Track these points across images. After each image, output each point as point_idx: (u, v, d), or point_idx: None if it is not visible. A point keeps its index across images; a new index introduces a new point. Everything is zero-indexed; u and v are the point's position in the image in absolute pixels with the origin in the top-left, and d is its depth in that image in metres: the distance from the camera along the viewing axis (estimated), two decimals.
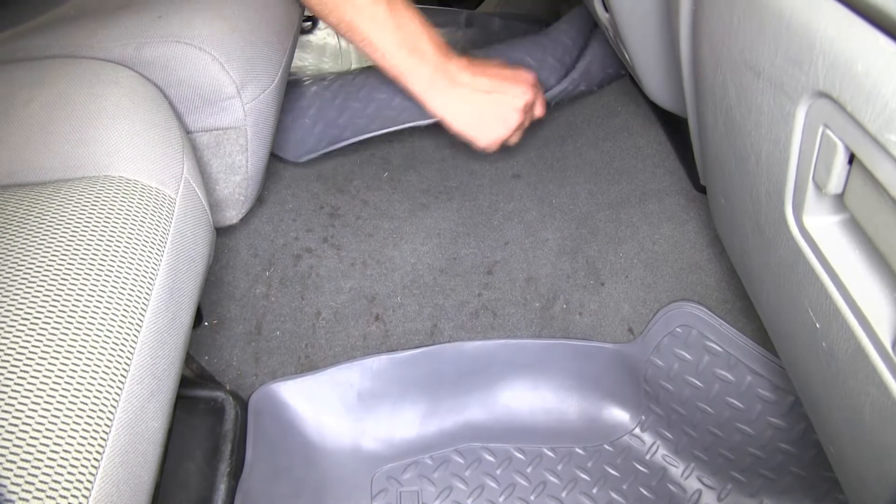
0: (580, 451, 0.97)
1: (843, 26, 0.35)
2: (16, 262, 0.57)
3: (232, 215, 0.94)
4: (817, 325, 0.50)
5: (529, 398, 1.00)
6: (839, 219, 0.45)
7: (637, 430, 0.98)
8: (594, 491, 0.94)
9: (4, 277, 0.56)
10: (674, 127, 0.94)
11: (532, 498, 0.93)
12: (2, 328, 0.53)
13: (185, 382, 0.93)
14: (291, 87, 1.14)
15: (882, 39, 0.32)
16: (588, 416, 0.99)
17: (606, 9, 0.80)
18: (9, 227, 0.60)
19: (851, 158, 0.40)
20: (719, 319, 0.94)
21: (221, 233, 1.00)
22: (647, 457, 0.96)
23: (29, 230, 0.60)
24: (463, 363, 0.99)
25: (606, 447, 0.98)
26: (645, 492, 0.93)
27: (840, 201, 0.43)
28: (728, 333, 0.94)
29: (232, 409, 0.85)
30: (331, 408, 0.99)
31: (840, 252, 0.45)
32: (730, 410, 0.93)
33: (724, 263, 0.96)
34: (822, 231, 0.46)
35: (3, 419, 0.48)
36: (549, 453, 0.97)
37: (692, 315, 0.95)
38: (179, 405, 0.69)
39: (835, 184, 0.41)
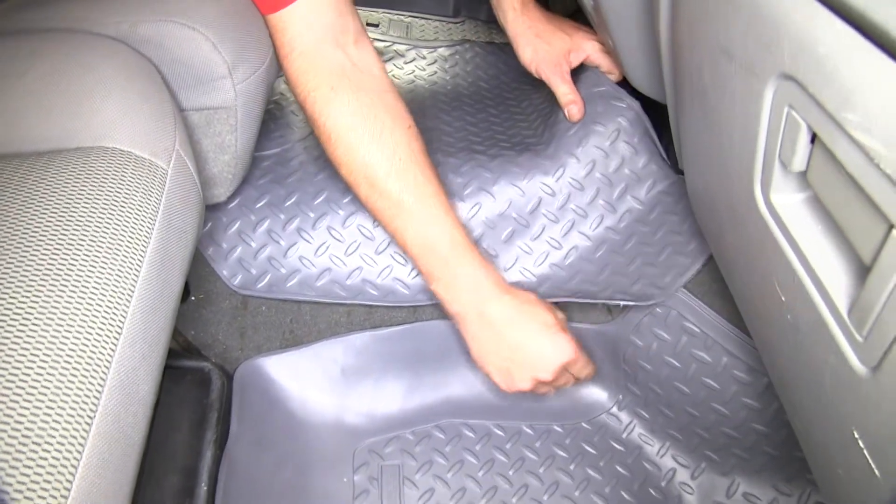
0: (558, 429, 0.99)
1: (808, 12, 0.37)
2: (11, 229, 0.59)
3: (220, 193, 0.95)
4: (783, 299, 0.53)
5: None
6: (804, 196, 0.48)
7: (614, 409, 1.00)
8: (571, 467, 0.95)
9: (1, 242, 0.58)
10: (654, 112, 0.96)
11: (510, 473, 0.95)
12: None
13: (171, 354, 0.95)
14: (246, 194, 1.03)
15: (840, 24, 0.35)
16: (566, 395, 1.00)
17: None
18: (4, 194, 0.62)
19: (814, 138, 0.42)
20: (698, 301, 0.97)
21: (209, 209, 1.01)
22: (624, 435, 0.98)
23: (25, 198, 0.62)
24: (445, 341, 1.01)
25: (584, 425, 0.99)
26: (621, 469, 0.95)
27: (804, 179, 0.46)
28: (706, 315, 0.96)
29: (218, 380, 0.87)
30: (315, 383, 1.01)
31: (804, 227, 0.48)
32: (706, 391, 0.96)
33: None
34: (787, 208, 0.49)
35: (0, 373, 0.50)
36: (528, 430, 0.99)
37: (672, 296, 0.97)
38: (167, 375, 0.71)
39: (799, 161, 0.44)
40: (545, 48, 1.03)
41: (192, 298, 1.03)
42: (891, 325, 0.38)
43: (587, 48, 1.01)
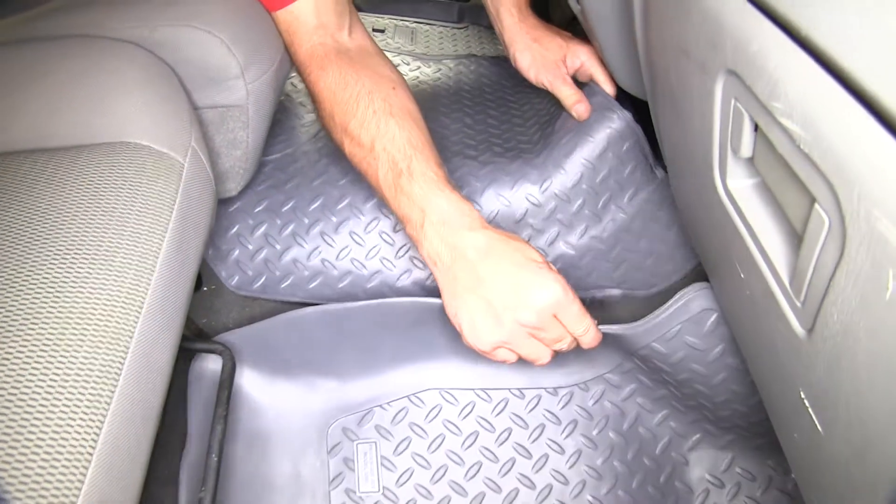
0: (550, 395, 0.93)
1: (744, 15, 0.43)
2: (45, 214, 0.65)
3: (232, 187, 1.01)
4: (742, 276, 0.58)
5: None
6: (753, 182, 0.54)
7: (614, 374, 0.94)
8: (562, 437, 0.91)
9: (36, 226, 0.64)
10: (642, 110, 1.01)
11: (496, 447, 0.90)
12: (35, 266, 0.61)
13: (185, 338, 0.99)
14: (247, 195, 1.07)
15: (767, 24, 0.40)
16: (561, 359, 0.92)
17: (578, 1, 0.88)
18: (37, 185, 0.68)
19: (757, 127, 0.48)
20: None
21: (221, 204, 1.06)
22: (622, 401, 0.93)
23: (56, 187, 0.68)
24: (421, 315, 0.97)
25: (578, 390, 0.93)
26: (614, 437, 0.91)
27: (752, 165, 0.51)
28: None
29: (229, 360, 0.92)
30: (279, 360, 0.97)
31: (755, 209, 0.53)
32: (729, 394, 0.93)
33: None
34: (741, 192, 0.54)
35: (37, 339, 0.56)
36: (517, 397, 0.92)
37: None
38: (180, 356, 0.76)
39: (746, 148, 0.49)
40: (542, 53, 1.07)
41: (205, 289, 1.08)
42: (820, 288, 0.43)
43: (581, 54, 1.05)
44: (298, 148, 1.14)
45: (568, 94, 1.04)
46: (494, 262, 0.78)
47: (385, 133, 0.86)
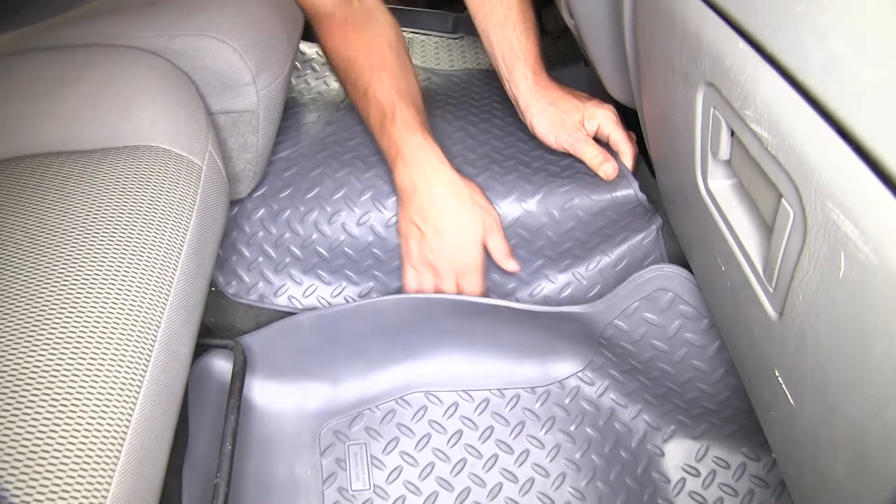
0: (528, 394, 0.98)
1: (720, 33, 0.49)
2: (74, 214, 0.70)
3: (242, 189, 1.05)
4: (723, 269, 0.64)
5: (475, 346, 1.01)
6: (731, 182, 0.59)
7: (587, 372, 0.99)
8: (542, 433, 0.95)
9: (67, 225, 0.69)
10: (632, 120, 1.04)
11: (479, 444, 0.95)
12: (70, 259, 0.65)
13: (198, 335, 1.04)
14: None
15: (740, 42, 0.46)
16: (537, 359, 1.00)
17: (571, 15, 0.93)
18: (67, 184, 0.73)
19: (733, 133, 0.53)
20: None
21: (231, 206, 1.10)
22: (596, 397, 0.97)
23: (83, 188, 0.72)
24: (406, 315, 0.99)
25: (555, 388, 0.99)
26: (591, 432, 0.95)
27: (730, 167, 0.57)
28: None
29: (241, 354, 0.97)
30: (271, 367, 1.01)
31: (733, 207, 0.59)
32: (692, 371, 0.94)
33: None
34: (720, 192, 0.60)
35: (72, 332, 0.61)
36: (497, 397, 0.98)
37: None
38: (195, 351, 0.80)
39: (723, 151, 0.55)
40: (560, 117, 1.03)
41: (214, 289, 1.13)
42: (787, 273, 0.48)
43: (599, 116, 1.01)
44: (292, 153, 1.15)
45: (593, 155, 1.01)
46: (445, 191, 0.95)
47: (377, 82, 1.02)
